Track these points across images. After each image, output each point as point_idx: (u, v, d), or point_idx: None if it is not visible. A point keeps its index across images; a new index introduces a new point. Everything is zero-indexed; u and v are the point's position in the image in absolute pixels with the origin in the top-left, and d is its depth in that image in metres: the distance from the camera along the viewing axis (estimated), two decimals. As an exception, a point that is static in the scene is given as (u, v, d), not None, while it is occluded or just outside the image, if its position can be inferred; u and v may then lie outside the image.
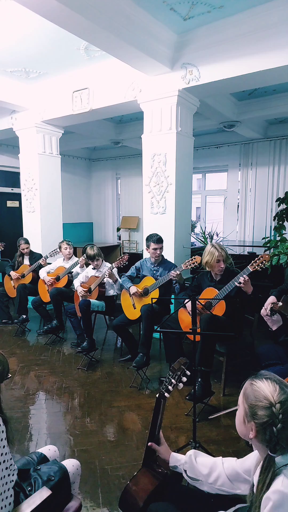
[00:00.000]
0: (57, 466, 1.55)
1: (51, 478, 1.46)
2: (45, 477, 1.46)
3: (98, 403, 3.06)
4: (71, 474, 1.56)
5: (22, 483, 1.42)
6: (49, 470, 1.51)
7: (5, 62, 4.30)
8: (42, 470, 1.51)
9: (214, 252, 2.99)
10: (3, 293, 5.07)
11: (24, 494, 1.38)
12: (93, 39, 3.24)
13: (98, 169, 9.36)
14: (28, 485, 1.43)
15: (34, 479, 1.46)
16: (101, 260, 4.05)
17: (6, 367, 1.41)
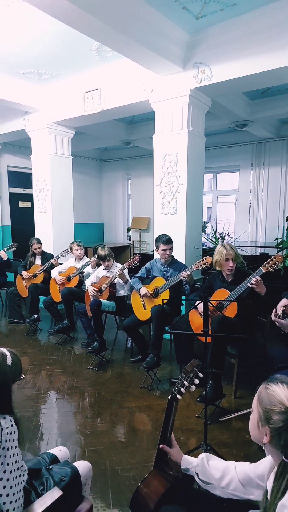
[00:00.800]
0: (69, 467, 1.55)
1: (63, 479, 1.47)
2: (57, 478, 1.47)
3: (109, 403, 3.06)
4: (83, 475, 1.57)
5: (34, 482, 1.42)
6: (61, 471, 1.51)
7: (18, 63, 4.34)
8: (54, 470, 1.51)
9: (223, 251, 2.97)
10: (15, 292, 5.12)
11: (35, 493, 1.38)
12: (104, 40, 3.25)
13: (109, 169, 9.39)
14: (40, 484, 1.44)
15: (45, 478, 1.46)
16: (112, 260, 4.05)
17: (18, 367, 1.41)
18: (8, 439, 1.23)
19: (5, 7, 3.15)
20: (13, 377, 1.36)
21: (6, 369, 1.31)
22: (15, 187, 7.63)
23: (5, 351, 1.37)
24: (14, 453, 1.25)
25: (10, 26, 3.48)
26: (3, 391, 1.31)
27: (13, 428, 1.27)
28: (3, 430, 1.24)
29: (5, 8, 3.16)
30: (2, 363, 1.31)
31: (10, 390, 1.35)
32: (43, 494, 1.37)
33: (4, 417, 1.28)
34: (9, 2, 3.06)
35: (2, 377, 1.30)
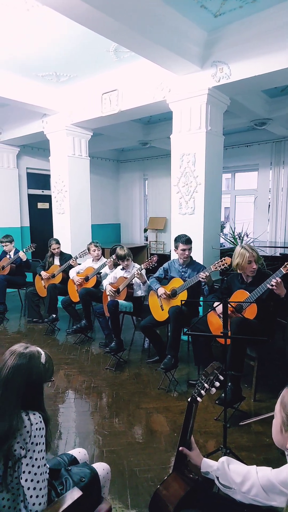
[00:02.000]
0: (88, 469, 1.56)
1: (82, 480, 1.48)
2: (76, 478, 1.48)
3: (126, 404, 3.06)
4: (102, 477, 1.57)
5: (54, 481, 1.43)
6: (80, 472, 1.52)
7: (37, 66, 4.41)
8: (73, 471, 1.52)
9: (245, 253, 2.92)
10: (34, 292, 5.20)
11: (55, 492, 1.39)
12: (122, 41, 3.25)
13: (126, 170, 9.43)
14: (59, 484, 1.45)
15: (65, 478, 1.47)
16: (130, 260, 4.06)
17: (51, 368, 1.42)
18: (36, 434, 1.26)
19: (24, 12, 3.21)
20: (46, 376, 1.37)
21: (39, 366, 1.33)
22: (33, 188, 7.76)
23: (40, 350, 1.39)
24: (42, 449, 1.27)
25: (29, 30, 3.54)
26: (36, 388, 1.33)
27: (41, 424, 1.29)
28: (32, 425, 1.26)
29: (24, 12, 3.21)
30: (37, 360, 1.33)
31: (42, 388, 1.37)
32: (63, 494, 1.38)
33: (34, 413, 1.30)
34: (28, 6, 3.11)
35: (36, 373, 1.32)
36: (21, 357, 1.31)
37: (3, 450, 1.21)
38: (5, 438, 1.22)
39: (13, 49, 3.95)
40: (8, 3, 3.09)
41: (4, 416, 1.25)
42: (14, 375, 1.28)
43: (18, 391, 1.29)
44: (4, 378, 1.28)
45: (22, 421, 1.25)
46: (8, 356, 1.32)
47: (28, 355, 1.32)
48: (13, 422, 1.24)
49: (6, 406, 1.27)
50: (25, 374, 1.29)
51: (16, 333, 4.90)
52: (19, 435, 1.23)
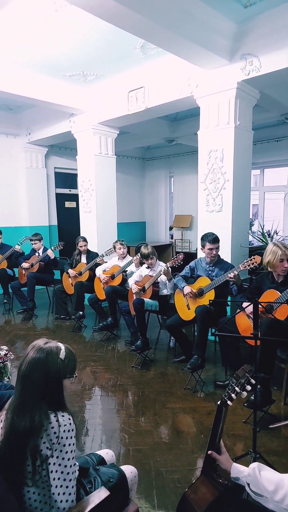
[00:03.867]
0: (116, 470, 1.55)
1: (110, 480, 1.48)
2: (104, 478, 1.48)
3: (152, 403, 3.04)
4: (129, 480, 1.56)
5: (83, 480, 1.44)
6: (108, 472, 1.52)
7: (65, 66, 4.46)
8: (101, 471, 1.53)
9: (277, 251, 2.81)
10: (61, 290, 5.29)
11: (84, 490, 1.40)
12: (150, 37, 3.22)
13: (151, 168, 9.40)
14: (88, 483, 1.45)
15: (93, 477, 1.48)
16: (155, 259, 4.04)
17: (71, 363, 1.40)
18: (65, 436, 1.25)
19: (53, 12, 3.24)
20: (64, 372, 1.35)
21: (57, 361, 1.32)
22: (61, 187, 7.89)
23: (60, 345, 1.38)
24: (71, 450, 1.27)
25: (57, 31, 3.58)
26: (54, 384, 1.32)
27: (71, 426, 1.29)
28: (60, 427, 1.26)
29: (53, 13, 3.25)
30: (55, 355, 1.32)
31: (61, 385, 1.35)
32: (91, 492, 1.38)
33: (63, 415, 1.30)
34: (57, 7, 3.14)
35: (54, 368, 1.30)
36: (40, 351, 1.31)
37: (29, 447, 1.22)
38: (28, 434, 1.22)
39: (42, 50, 4.01)
40: (38, 5, 3.14)
41: (25, 412, 1.26)
42: (32, 369, 1.28)
43: (36, 385, 1.29)
44: (23, 371, 1.30)
45: (48, 420, 1.25)
46: (29, 350, 1.34)
47: (46, 351, 1.32)
48: (34, 418, 1.23)
49: (26, 401, 1.28)
50: (43, 368, 1.29)
51: (44, 329, 5.01)
52: (45, 435, 1.23)
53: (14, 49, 3.98)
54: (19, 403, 1.29)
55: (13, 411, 1.29)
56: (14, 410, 1.29)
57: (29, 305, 5.42)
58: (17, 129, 6.75)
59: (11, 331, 4.83)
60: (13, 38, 3.73)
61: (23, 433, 1.23)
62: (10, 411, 1.30)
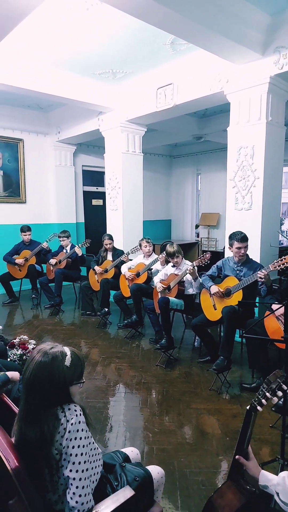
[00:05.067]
0: (143, 470, 1.54)
1: (136, 479, 1.47)
2: (130, 476, 1.47)
3: (176, 402, 3.02)
4: (155, 481, 1.55)
5: (109, 475, 1.44)
6: (134, 471, 1.51)
7: (94, 65, 4.49)
8: (127, 468, 1.52)
9: (309, 252, 2.70)
10: (87, 286, 5.36)
11: (111, 487, 1.40)
12: (180, 32, 3.18)
13: (178, 165, 9.32)
14: (114, 479, 1.45)
15: (119, 475, 1.47)
16: (180, 257, 4.00)
17: (78, 370, 1.33)
18: (74, 429, 1.22)
19: (84, 11, 3.27)
20: (71, 379, 1.30)
21: (62, 368, 1.27)
22: (88, 185, 7.99)
23: (66, 351, 1.32)
24: (88, 442, 1.25)
25: (88, 30, 3.61)
26: (60, 390, 1.27)
27: (80, 417, 1.25)
28: (68, 421, 1.23)
29: (84, 12, 3.27)
30: (60, 362, 1.27)
31: (68, 392, 1.30)
32: (117, 490, 1.38)
33: (69, 407, 1.26)
34: (88, 5, 3.16)
35: (59, 374, 1.26)
36: (45, 356, 1.27)
37: (42, 456, 1.19)
38: (41, 444, 1.19)
39: (72, 49, 4.06)
40: (69, 5, 3.17)
41: (33, 421, 1.22)
42: (37, 374, 1.24)
43: (42, 393, 1.24)
44: (28, 377, 1.25)
45: (57, 419, 1.22)
46: (34, 354, 1.29)
47: (51, 356, 1.27)
48: (44, 427, 1.20)
49: (33, 409, 1.24)
50: (48, 373, 1.24)
51: (71, 324, 5.09)
52: (59, 437, 1.21)
53: (45, 49, 4.05)
54: (26, 412, 1.26)
55: (21, 419, 1.26)
56: (22, 419, 1.26)
57: (56, 300, 5.53)
58: (47, 127, 6.88)
59: (39, 326, 4.95)
60: (45, 38, 3.79)
61: (34, 443, 1.20)
62: (18, 419, 1.28)
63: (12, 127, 6.46)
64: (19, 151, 6.65)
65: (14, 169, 6.65)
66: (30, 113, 6.56)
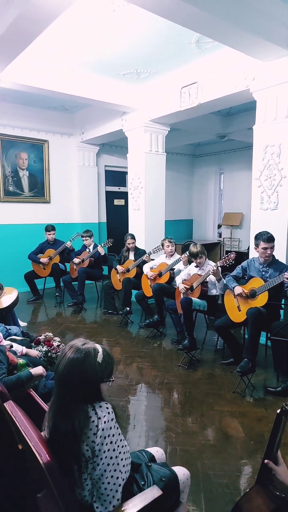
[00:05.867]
0: (169, 470, 1.54)
1: (162, 479, 1.47)
2: (156, 476, 1.47)
3: (199, 404, 3.00)
4: (181, 482, 1.54)
5: (135, 474, 1.45)
6: (160, 471, 1.51)
7: (119, 65, 4.52)
8: (153, 468, 1.52)
9: None
10: (109, 285, 5.40)
11: (137, 486, 1.40)
12: (206, 30, 3.14)
13: (201, 165, 9.25)
14: (141, 478, 1.46)
15: (146, 474, 1.48)
16: (204, 258, 3.96)
17: (109, 368, 1.34)
18: (107, 427, 1.23)
19: (110, 13, 3.29)
20: (102, 376, 1.31)
21: (95, 364, 1.28)
22: (111, 185, 8.05)
23: (98, 348, 1.33)
24: (119, 439, 1.25)
25: (114, 31, 3.63)
26: (92, 386, 1.28)
27: (111, 415, 1.26)
28: (100, 419, 1.24)
29: (110, 13, 3.30)
30: (93, 358, 1.28)
31: (99, 389, 1.31)
32: (144, 489, 1.38)
33: (100, 405, 1.27)
34: (115, 6, 3.18)
35: (91, 370, 1.26)
36: (77, 352, 1.27)
37: (73, 451, 1.21)
38: (72, 438, 1.21)
39: (98, 51, 4.10)
40: (96, 7, 3.20)
41: (65, 415, 1.24)
42: (70, 369, 1.25)
43: (74, 388, 1.25)
44: (61, 372, 1.26)
45: (87, 417, 1.23)
46: (67, 350, 1.30)
47: (84, 352, 1.28)
48: (75, 424, 1.21)
49: (66, 404, 1.25)
50: (80, 369, 1.25)
51: (93, 322, 5.15)
52: (91, 434, 1.22)
53: (71, 51, 4.11)
54: (58, 406, 1.27)
55: (54, 413, 1.28)
56: (55, 413, 1.28)
57: (79, 299, 5.60)
58: (71, 128, 6.99)
59: (62, 323, 5.04)
60: (71, 40, 3.85)
61: (65, 437, 1.22)
62: (51, 413, 1.30)
63: (38, 128, 6.60)
64: (44, 152, 6.78)
65: (39, 169, 6.79)
66: (55, 114, 6.68)
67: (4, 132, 6.25)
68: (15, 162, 6.47)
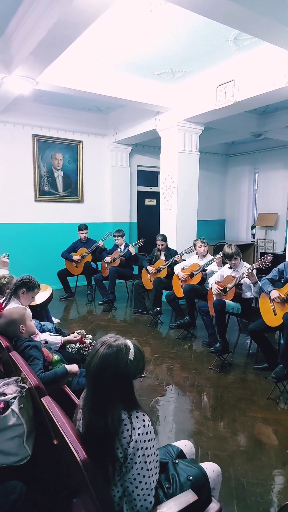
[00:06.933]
0: (197, 468, 1.50)
1: (189, 478, 1.43)
2: (183, 476, 1.43)
3: (232, 408, 2.93)
4: (212, 480, 1.50)
5: (161, 475, 1.42)
6: (188, 469, 1.47)
7: (154, 65, 4.51)
8: (180, 466, 1.49)
9: None
10: (140, 285, 5.42)
11: (163, 491, 1.36)
12: (246, 27, 3.05)
13: (234, 164, 9.06)
14: (165, 480, 1.43)
15: (172, 475, 1.45)
16: (239, 259, 3.87)
17: (141, 364, 1.33)
18: (141, 439, 1.20)
19: (148, 13, 3.29)
20: (134, 372, 1.30)
21: (127, 361, 1.27)
22: (142, 185, 8.07)
23: (129, 344, 1.32)
24: (152, 453, 1.22)
25: (150, 31, 3.63)
26: (124, 383, 1.27)
27: (146, 428, 1.23)
28: (134, 430, 1.21)
29: (148, 14, 3.30)
30: (125, 354, 1.27)
31: (132, 385, 1.30)
32: (169, 493, 1.36)
33: (137, 415, 1.25)
34: (152, 7, 3.18)
35: (124, 367, 1.26)
36: (109, 348, 1.27)
37: (106, 449, 1.20)
38: (105, 436, 1.20)
39: (134, 51, 4.11)
40: (134, 8, 3.21)
41: (99, 412, 1.23)
42: (103, 364, 1.25)
43: (107, 384, 1.25)
44: (94, 367, 1.26)
45: (120, 419, 1.22)
46: (99, 345, 1.30)
47: (116, 348, 1.27)
48: (108, 422, 1.21)
49: (99, 400, 1.25)
50: (113, 365, 1.25)
51: (123, 321, 5.19)
52: (124, 441, 1.20)
53: (107, 52, 4.15)
54: (92, 402, 1.28)
55: (88, 409, 1.29)
56: (89, 409, 1.28)
57: (110, 297, 5.66)
58: (105, 129, 7.08)
59: (93, 321, 5.12)
60: (107, 42, 3.88)
61: (99, 434, 1.22)
62: (86, 409, 1.30)
63: (73, 129, 6.74)
64: (78, 152, 6.92)
65: (73, 170, 6.93)
66: (90, 115, 6.79)
67: (40, 133, 6.43)
68: (50, 163, 6.65)
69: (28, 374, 1.76)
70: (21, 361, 1.90)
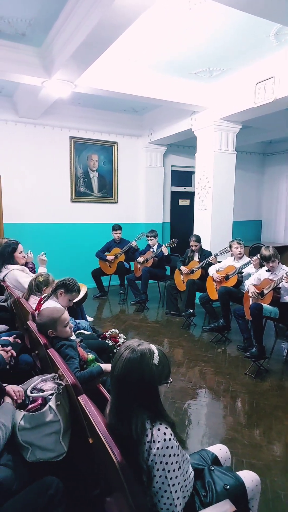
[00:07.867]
0: (233, 477, 1.46)
1: (226, 487, 1.39)
2: (219, 484, 1.39)
3: (268, 416, 2.83)
4: (249, 490, 1.44)
5: (196, 483, 1.38)
6: (224, 477, 1.43)
7: (191, 64, 4.46)
8: (216, 474, 1.45)
9: None
10: (173, 286, 5.38)
11: (199, 499, 1.34)
12: (286, 20, 2.95)
13: (272, 163, 8.76)
14: (201, 487, 1.39)
15: (207, 482, 1.41)
16: (277, 261, 3.73)
17: (166, 369, 1.30)
18: (160, 454, 1.17)
19: (187, 11, 3.25)
20: (159, 378, 1.27)
21: (151, 367, 1.24)
22: (176, 185, 8.02)
23: (153, 349, 1.29)
24: (173, 468, 1.19)
25: (189, 30, 3.59)
26: (149, 389, 1.24)
27: (166, 443, 1.18)
28: (154, 443, 1.18)
29: (187, 12, 3.26)
30: (148, 360, 1.24)
31: (158, 391, 1.27)
32: (207, 502, 1.32)
33: (159, 428, 1.20)
34: (191, 5, 3.14)
35: (148, 372, 1.23)
36: (133, 352, 1.25)
37: (130, 457, 1.17)
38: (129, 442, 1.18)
39: (171, 51, 4.08)
40: (173, 7, 3.19)
41: (123, 418, 1.21)
42: (127, 369, 1.23)
43: (132, 389, 1.23)
44: (118, 372, 1.24)
45: (144, 428, 1.19)
46: (122, 350, 1.28)
47: (140, 353, 1.25)
48: (131, 428, 1.19)
49: (123, 405, 1.23)
50: (137, 370, 1.22)
51: (155, 322, 5.18)
52: (144, 449, 1.18)
53: (144, 53, 4.15)
54: (116, 407, 1.26)
55: (112, 414, 1.27)
56: (114, 414, 1.27)
57: (142, 297, 5.67)
58: (140, 130, 7.11)
59: (125, 320, 5.15)
60: (144, 42, 3.88)
61: (122, 438, 1.20)
62: (110, 413, 1.29)
63: (109, 131, 6.83)
64: (113, 153, 7.00)
65: (108, 171, 7.02)
66: (125, 116, 6.85)
67: (77, 135, 6.57)
68: (86, 164, 6.78)
69: (65, 371, 1.78)
70: (58, 358, 1.94)
